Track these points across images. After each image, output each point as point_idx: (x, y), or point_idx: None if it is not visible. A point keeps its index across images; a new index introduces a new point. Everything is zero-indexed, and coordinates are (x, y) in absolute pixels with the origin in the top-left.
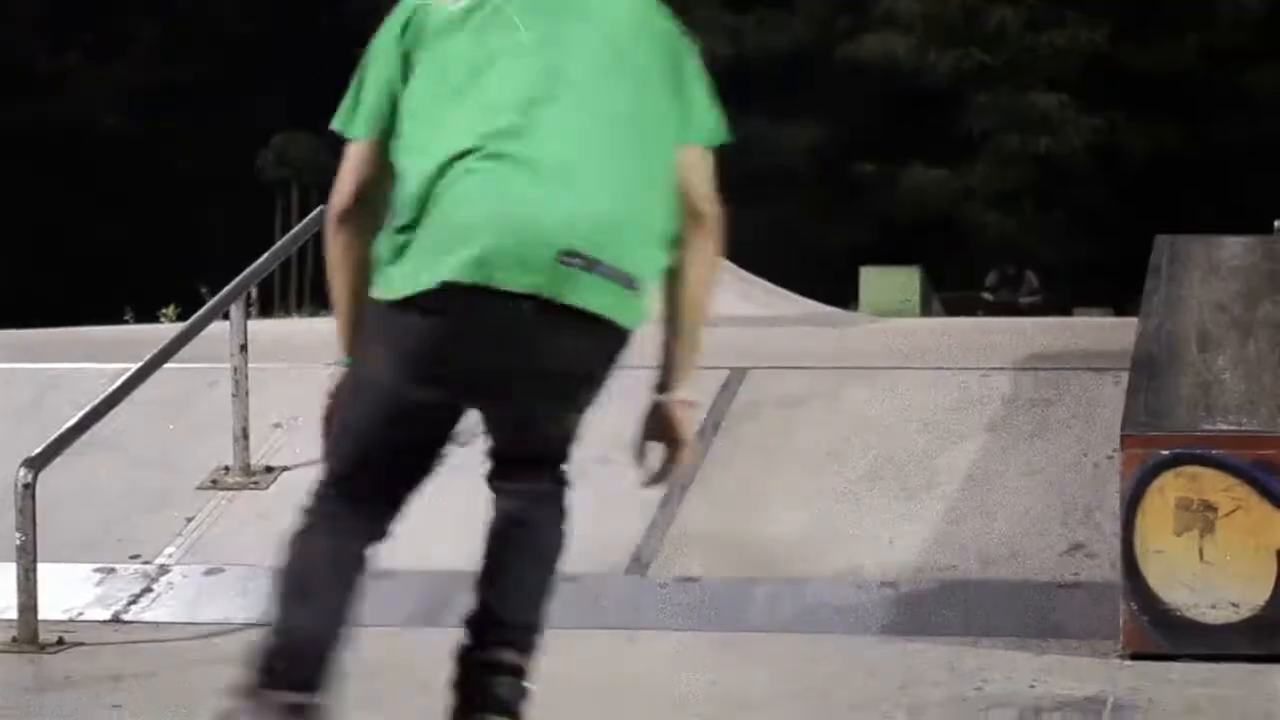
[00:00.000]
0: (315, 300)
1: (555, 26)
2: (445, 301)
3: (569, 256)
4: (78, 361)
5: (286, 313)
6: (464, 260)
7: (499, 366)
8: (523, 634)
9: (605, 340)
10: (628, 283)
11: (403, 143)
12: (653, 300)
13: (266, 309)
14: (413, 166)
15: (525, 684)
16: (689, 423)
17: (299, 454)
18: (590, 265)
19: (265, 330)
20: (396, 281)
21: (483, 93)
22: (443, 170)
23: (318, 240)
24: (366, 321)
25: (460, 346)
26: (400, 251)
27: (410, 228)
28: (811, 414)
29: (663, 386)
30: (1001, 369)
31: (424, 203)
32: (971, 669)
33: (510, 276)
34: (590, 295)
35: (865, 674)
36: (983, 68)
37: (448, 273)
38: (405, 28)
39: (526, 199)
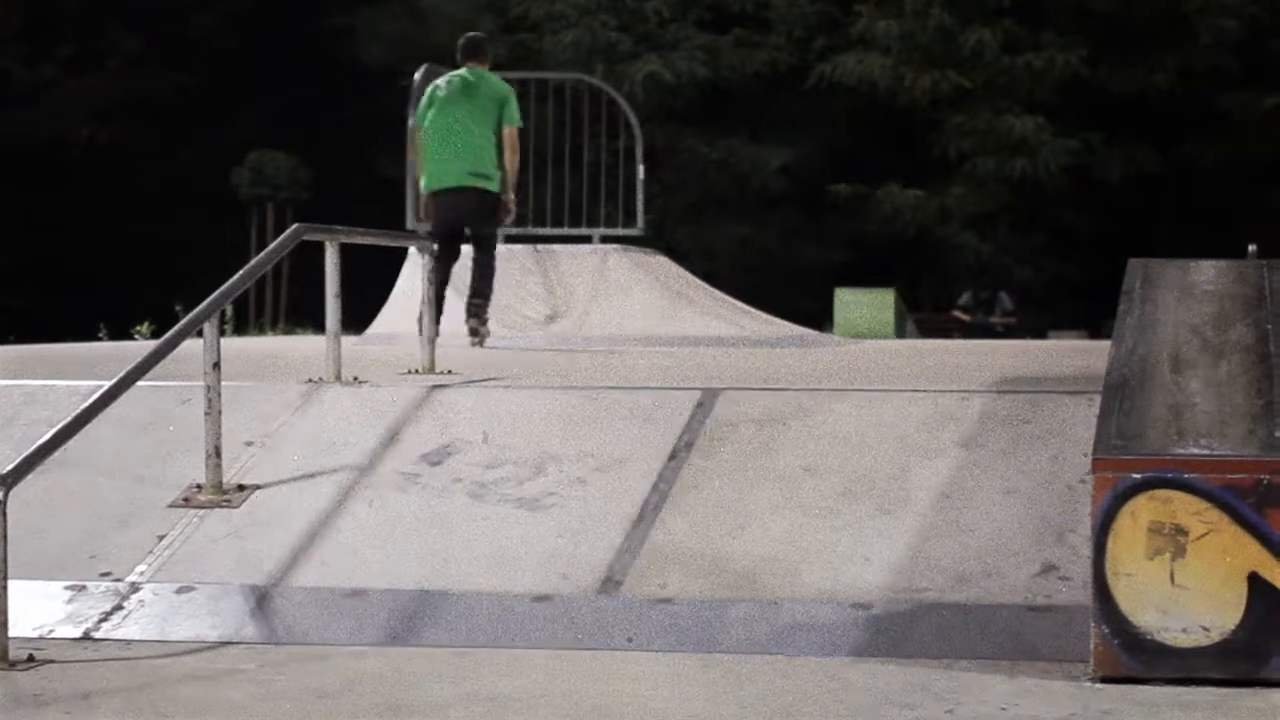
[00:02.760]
0: (289, 319)
1: (459, 104)
2: (440, 193)
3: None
4: (51, 378)
5: (260, 331)
6: (440, 182)
7: (459, 207)
8: (484, 296)
9: (484, 195)
10: (484, 177)
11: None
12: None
13: (241, 327)
14: (428, 146)
15: (487, 314)
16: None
17: (271, 472)
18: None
19: (239, 348)
20: (430, 185)
21: (441, 128)
22: (434, 155)
23: (293, 257)
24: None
25: (448, 203)
26: (428, 175)
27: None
28: (785, 434)
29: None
30: (976, 390)
31: (431, 162)
32: (944, 691)
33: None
34: (474, 180)
35: (838, 696)
36: (959, 89)
37: (437, 185)
38: (430, 94)
39: (451, 165)
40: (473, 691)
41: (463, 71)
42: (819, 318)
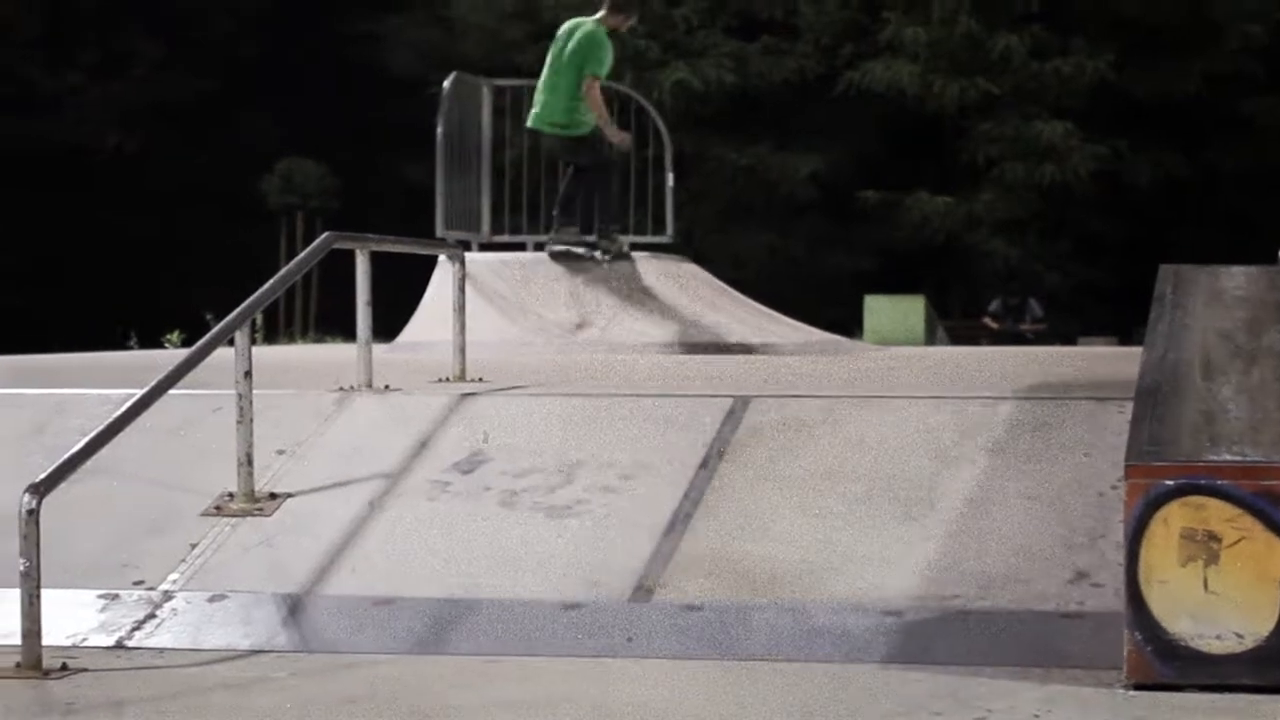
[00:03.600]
0: (318, 327)
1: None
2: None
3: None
4: (83, 387)
5: (290, 339)
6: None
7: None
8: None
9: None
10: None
11: None
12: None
13: (271, 336)
14: None
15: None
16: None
17: (302, 481)
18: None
19: (269, 357)
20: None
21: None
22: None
23: (321, 266)
24: None
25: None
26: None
27: None
28: (814, 440)
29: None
30: (1005, 397)
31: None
32: (973, 698)
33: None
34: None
35: (866, 703)
36: (988, 96)
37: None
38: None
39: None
40: (501, 699)
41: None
42: (847, 325)
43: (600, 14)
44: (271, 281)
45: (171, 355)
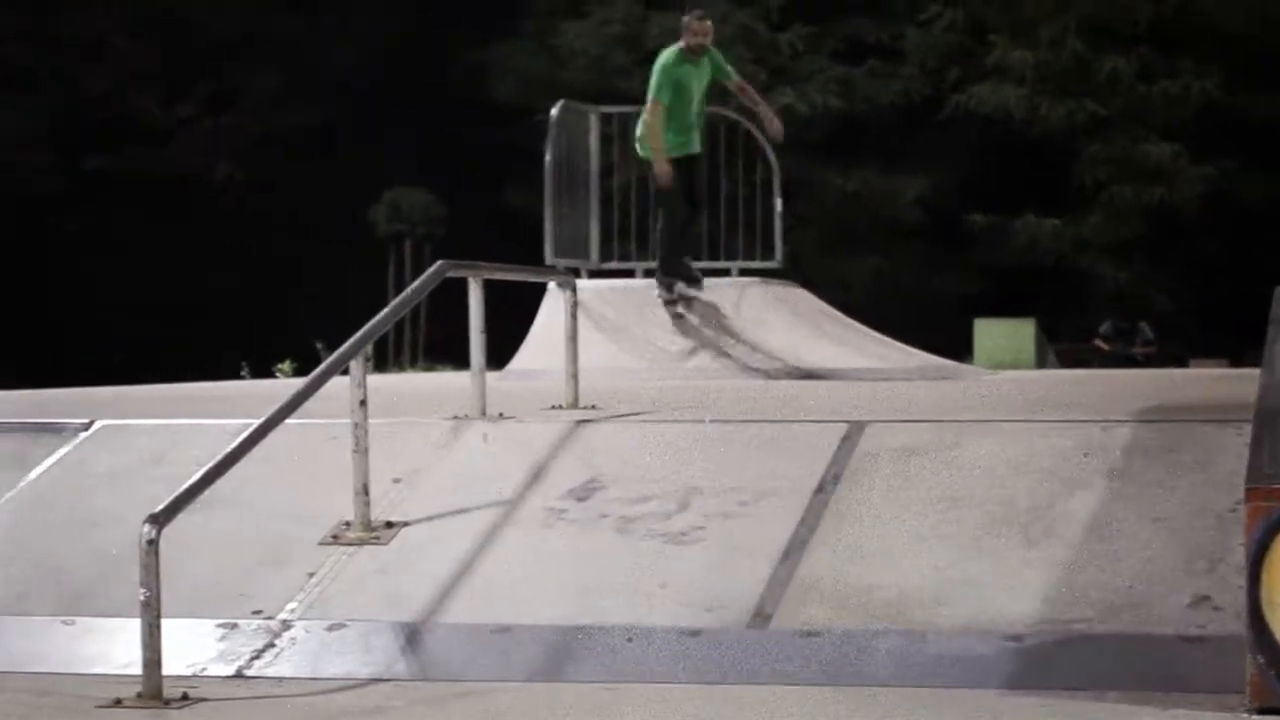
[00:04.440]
0: (427, 355)
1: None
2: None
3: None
4: (198, 417)
5: (400, 368)
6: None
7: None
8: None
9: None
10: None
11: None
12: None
13: (380, 365)
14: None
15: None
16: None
17: (418, 509)
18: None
19: (381, 385)
20: (671, 152)
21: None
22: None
23: (433, 297)
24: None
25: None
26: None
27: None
28: (931, 465)
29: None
30: (1121, 420)
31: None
32: None
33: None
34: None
35: None
36: (1095, 118)
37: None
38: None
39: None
40: None
41: None
42: (955, 349)
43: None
44: (386, 310)
45: (285, 385)
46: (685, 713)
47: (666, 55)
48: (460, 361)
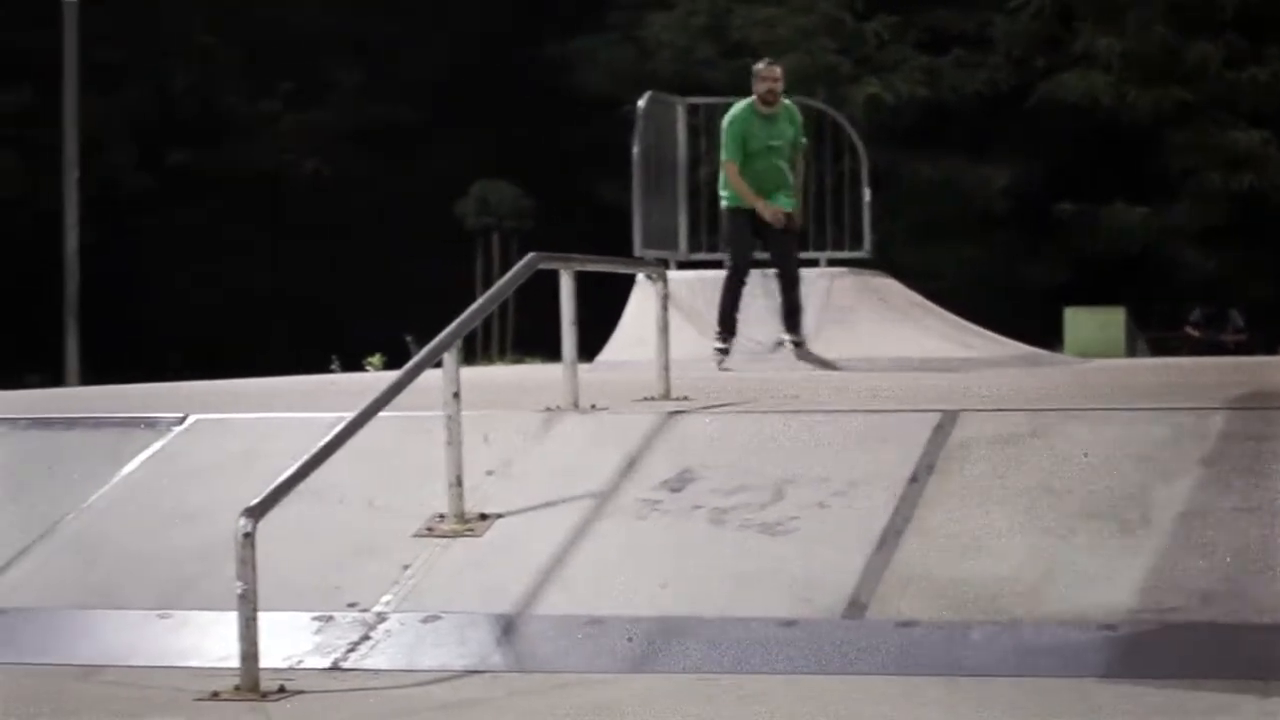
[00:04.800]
0: (516, 348)
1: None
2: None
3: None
4: (290, 411)
5: (489, 361)
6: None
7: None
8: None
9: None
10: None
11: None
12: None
13: (469, 357)
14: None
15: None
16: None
17: (512, 501)
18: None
19: (471, 378)
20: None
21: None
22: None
23: (520, 289)
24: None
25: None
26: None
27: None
28: (1024, 453)
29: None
30: (1215, 408)
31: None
32: (1196, 711)
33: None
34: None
35: (1087, 718)
36: (1183, 105)
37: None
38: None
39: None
40: (716, 718)
41: None
42: (1044, 337)
43: None
44: (479, 302)
45: (375, 379)
46: (780, 703)
47: (734, 111)
48: (549, 353)
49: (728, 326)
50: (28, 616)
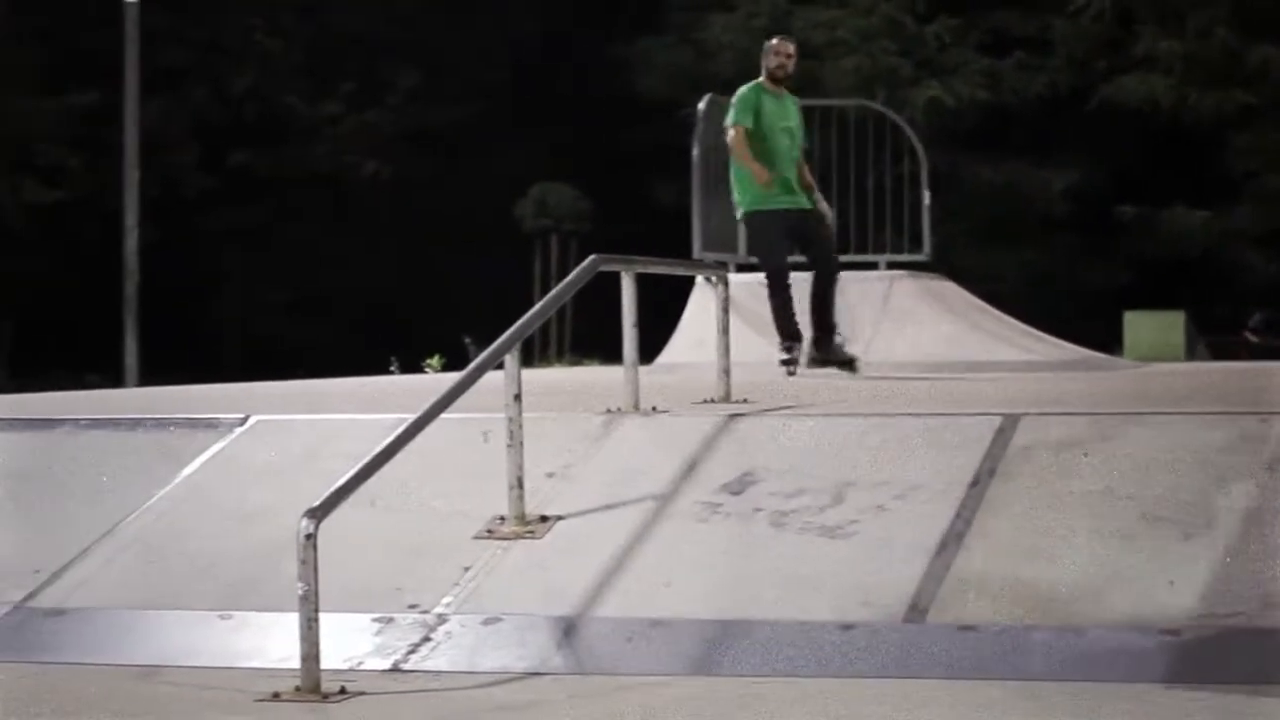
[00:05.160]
0: (575, 349)
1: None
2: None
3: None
4: (350, 412)
5: (547, 363)
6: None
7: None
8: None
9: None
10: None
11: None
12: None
13: (527, 359)
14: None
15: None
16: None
17: (573, 503)
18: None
19: (531, 380)
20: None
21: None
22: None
23: (580, 291)
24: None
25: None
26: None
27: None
28: (1086, 458)
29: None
30: (1276, 412)
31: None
32: (1259, 717)
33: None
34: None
35: None
36: (1245, 108)
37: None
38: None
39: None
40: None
41: None
42: (1104, 341)
43: None
44: (540, 304)
45: (434, 380)
46: (840, 707)
47: (743, 88)
48: (607, 355)
49: (789, 334)
50: (89, 616)
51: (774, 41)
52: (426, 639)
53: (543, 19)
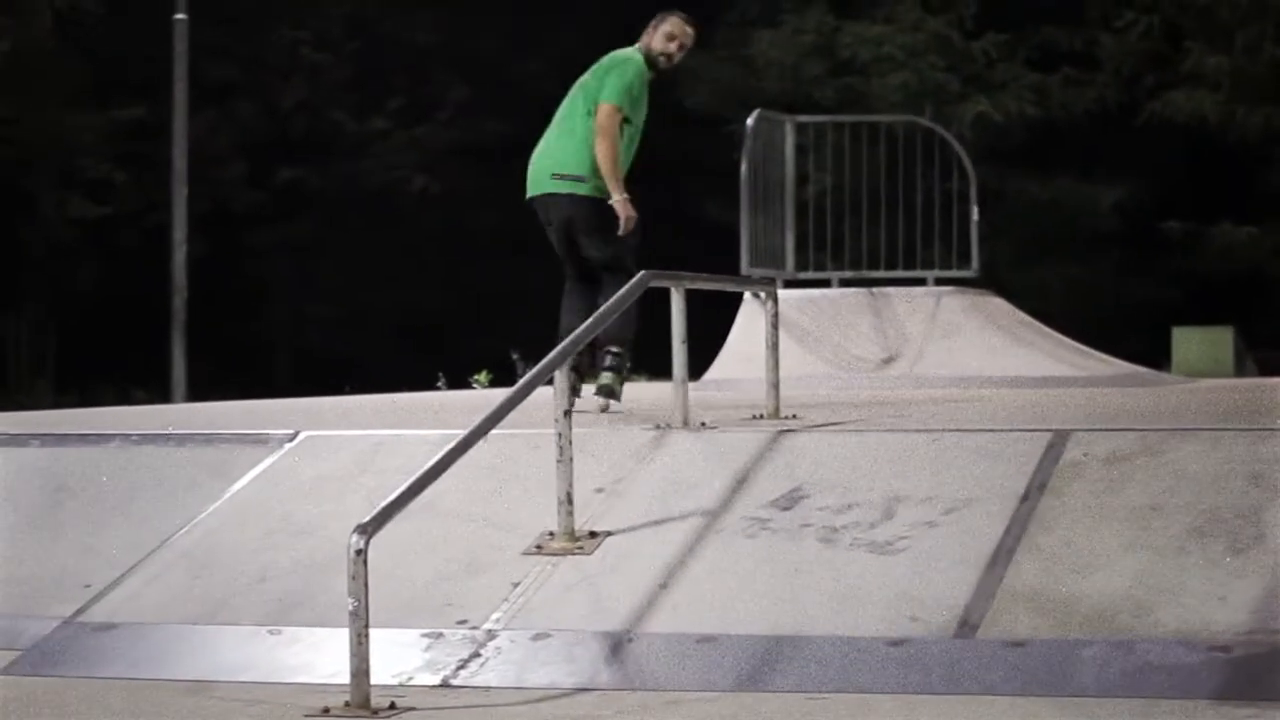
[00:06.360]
0: None
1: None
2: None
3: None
4: (399, 428)
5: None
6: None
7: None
8: (614, 343)
9: (577, 202)
10: (576, 178)
11: None
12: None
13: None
14: None
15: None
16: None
17: (622, 519)
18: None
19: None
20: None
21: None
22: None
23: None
24: None
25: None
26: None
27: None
28: (1136, 473)
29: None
30: None
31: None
32: None
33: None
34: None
35: None
36: None
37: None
38: None
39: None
40: None
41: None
42: (1152, 356)
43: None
44: (590, 320)
45: (482, 395)
46: None
47: (635, 64)
48: (654, 371)
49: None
50: (139, 631)
51: (675, 19)
52: (476, 654)
53: (590, 34)
